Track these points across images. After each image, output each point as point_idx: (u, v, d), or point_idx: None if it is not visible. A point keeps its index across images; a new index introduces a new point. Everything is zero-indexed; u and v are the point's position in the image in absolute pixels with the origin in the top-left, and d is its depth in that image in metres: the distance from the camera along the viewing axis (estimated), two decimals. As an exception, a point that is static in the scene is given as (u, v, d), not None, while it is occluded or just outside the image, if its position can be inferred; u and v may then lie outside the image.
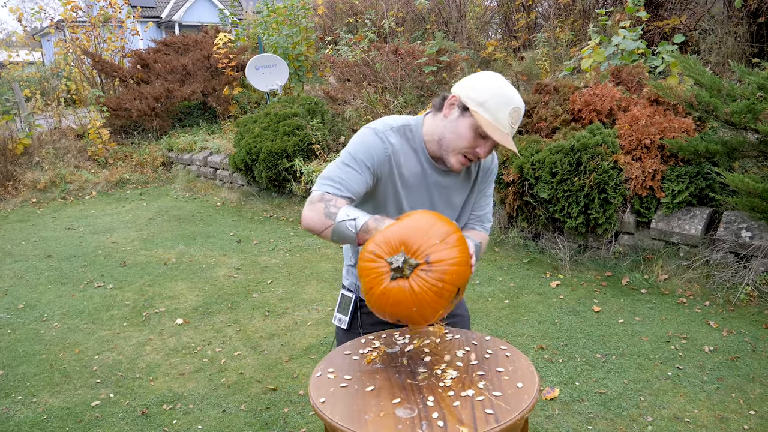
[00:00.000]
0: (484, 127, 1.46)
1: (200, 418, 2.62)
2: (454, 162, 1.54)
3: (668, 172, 3.97)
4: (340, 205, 1.44)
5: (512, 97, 1.49)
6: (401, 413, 1.24)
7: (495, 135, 1.45)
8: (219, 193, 7.14)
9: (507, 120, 1.48)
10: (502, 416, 1.21)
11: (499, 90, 1.48)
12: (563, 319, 3.46)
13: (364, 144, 1.52)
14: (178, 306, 3.90)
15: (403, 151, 1.57)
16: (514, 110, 1.49)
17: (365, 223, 1.41)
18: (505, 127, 1.48)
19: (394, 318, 1.38)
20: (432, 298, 1.33)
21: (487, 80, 1.50)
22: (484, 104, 1.47)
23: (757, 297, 3.55)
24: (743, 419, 2.49)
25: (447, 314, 1.41)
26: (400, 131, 1.57)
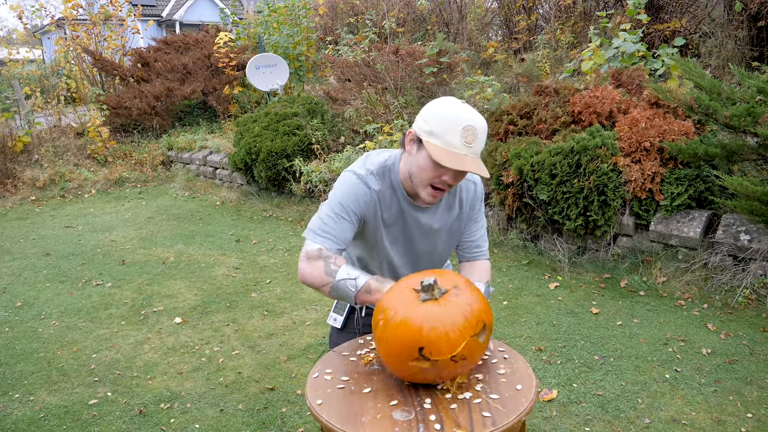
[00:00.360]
0: (433, 155, 1.42)
1: (198, 417, 2.62)
2: (425, 195, 1.51)
3: (667, 175, 3.98)
4: (339, 263, 1.48)
5: (460, 116, 1.42)
6: (398, 416, 1.24)
7: (446, 161, 1.40)
8: (218, 193, 7.14)
9: (459, 141, 1.41)
10: (499, 419, 1.21)
11: (444, 114, 1.43)
12: (561, 321, 3.46)
13: (352, 193, 1.53)
14: (177, 305, 3.90)
15: (384, 195, 1.57)
16: (466, 129, 1.42)
17: (366, 283, 1.45)
18: (460, 149, 1.41)
19: (415, 345, 1.26)
20: (460, 320, 1.26)
21: (435, 107, 1.47)
22: (433, 132, 1.44)
23: (755, 300, 3.55)
24: (740, 422, 2.49)
25: (468, 369, 1.33)
26: (380, 174, 1.57)
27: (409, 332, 1.25)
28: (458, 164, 1.41)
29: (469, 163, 1.42)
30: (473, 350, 1.29)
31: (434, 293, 1.30)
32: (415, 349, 1.24)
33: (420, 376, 1.30)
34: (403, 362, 1.28)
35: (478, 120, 1.44)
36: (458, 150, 1.42)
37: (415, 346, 1.24)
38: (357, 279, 1.45)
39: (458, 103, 1.45)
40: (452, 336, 1.25)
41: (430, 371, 1.28)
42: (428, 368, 1.27)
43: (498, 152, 4.43)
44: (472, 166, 1.42)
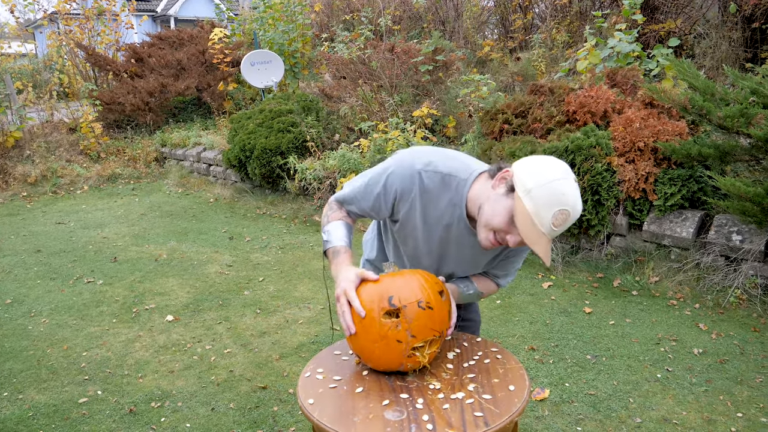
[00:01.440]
0: (517, 216, 1.32)
1: (189, 416, 2.61)
2: (483, 238, 1.43)
3: (661, 175, 3.99)
4: (334, 218, 1.57)
5: (565, 196, 1.30)
6: (390, 415, 1.24)
7: (525, 229, 1.31)
8: (212, 190, 7.11)
9: (548, 219, 1.30)
10: (491, 419, 1.21)
11: (553, 183, 1.30)
12: (554, 320, 3.46)
13: (398, 177, 1.47)
14: (169, 303, 3.88)
15: (435, 197, 1.48)
16: (561, 212, 1.30)
17: (334, 247, 1.51)
18: (544, 226, 1.30)
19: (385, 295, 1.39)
20: (419, 278, 1.42)
21: (546, 168, 1.33)
22: (531, 192, 1.31)
23: (746, 300, 3.56)
24: (731, 421, 2.50)
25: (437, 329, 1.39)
26: (445, 179, 1.47)
27: (379, 287, 1.38)
28: (533, 241, 1.32)
29: (541, 245, 1.32)
30: (437, 303, 1.38)
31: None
32: (385, 299, 1.34)
33: (393, 338, 1.32)
34: (375, 323, 1.33)
35: (578, 207, 1.34)
36: (541, 226, 1.31)
37: (384, 295, 1.35)
38: (327, 242, 1.53)
39: (572, 180, 1.34)
40: (415, 286, 1.38)
41: (402, 329, 1.32)
42: (399, 324, 1.32)
43: (493, 151, 4.43)
44: (542, 249, 1.33)
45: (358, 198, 1.55)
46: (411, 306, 1.33)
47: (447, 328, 1.41)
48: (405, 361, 1.35)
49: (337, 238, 1.51)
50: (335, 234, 1.52)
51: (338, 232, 1.53)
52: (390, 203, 1.50)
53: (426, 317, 1.33)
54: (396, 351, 1.33)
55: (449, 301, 1.45)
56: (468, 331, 1.82)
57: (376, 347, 1.34)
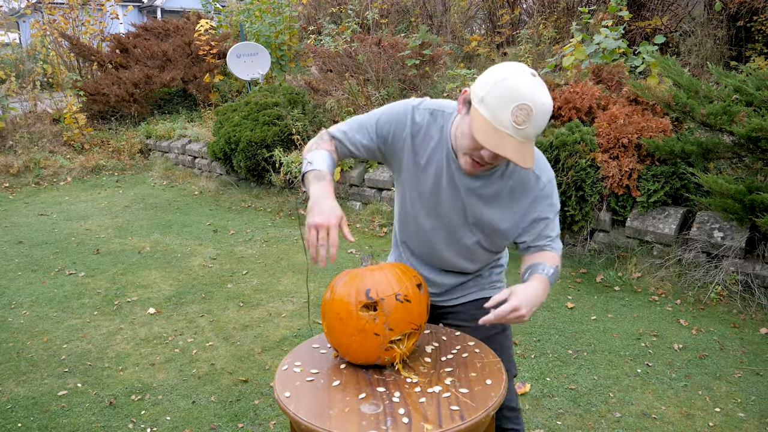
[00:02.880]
0: (474, 127, 1.26)
1: (169, 409, 2.59)
2: (463, 163, 1.38)
3: (644, 172, 4.01)
4: (323, 147, 1.49)
5: (519, 90, 1.22)
6: (366, 409, 1.23)
7: (484, 138, 1.23)
8: (197, 182, 7.05)
9: (507, 118, 1.21)
10: (467, 413, 1.21)
11: (502, 83, 1.23)
12: (537, 315, 3.48)
13: (392, 111, 1.49)
14: (151, 295, 3.85)
15: (426, 134, 1.46)
16: (520, 107, 1.21)
17: (309, 172, 1.42)
18: (506, 128, 1.22)
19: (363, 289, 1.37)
20: (397, 271, 1.40)
21: (497, 71, 1.26)
22: (484, 100, 1.25)
23: (726, 296, 3.61)
24: (708, 416, 2.53)
25: (414, 322, 1.39)
26: (433, 115, 1.46)
27: (357, 281, 1.36)
28: (496, 145, 1.23)
29: (508, 147, 1.23)
30: (416, 296, 1.37)
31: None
32: (362, 292, 1.33)
33: (370, 332, 1.32)
34: (353, 316, 1.32)
35: (539, 99, 1.23)
36: (504, 128, 1.23)
37: (362, 289, 1.33)
38: (310, 164, 1.44)
39: (526, 75, 1.24)
40: (392, 279, 1.36)
41: (379, 322, 1.31)
42: (377, 317, 1.31)
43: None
44: (510, 152, 1.23)
45: (354, 130, 1.50)
46: (389, 299, 1.32)
47: (425, 322, 1.41)
48: (383, 354, 1.35)
49: (321, 164, 1.42)
50: (319, 160, 1.44)
51: (323, 159, 1.45)
52: (383, 137, 1.48)
53: (403, 310, 1.33)
54: (374, 344, 1.33)
55: (427, 294, 1.44)
56: (492, 333, 1.65)
57: (353, 341, 1.34)
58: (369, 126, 1.49)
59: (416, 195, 1.52)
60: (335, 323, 1.35)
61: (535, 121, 1.24)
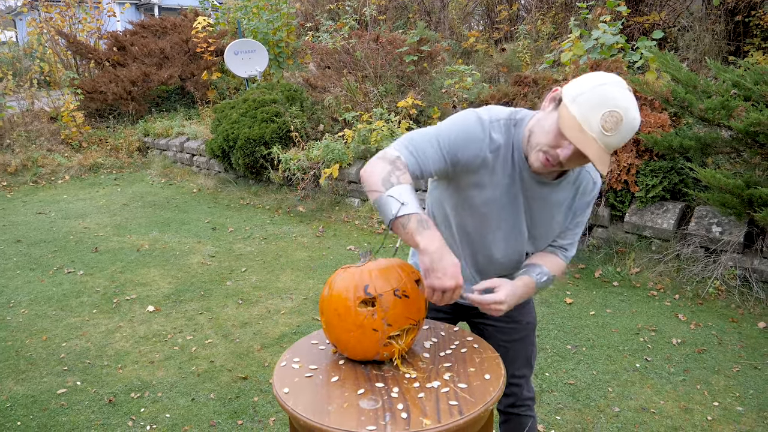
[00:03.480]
0: (562, 121, 1.24)
1: (168, 407, 2.59)
2: (534, 159, 1.34)
3: (643, 167, 4.01)
4: (402, 180, 1.28)
5: (615, 98, 1.22)
6: (365, 404, 1.23)
7: (571, 133, 1.22)
8: (195, 180, 7.05)
9: (597, 122, 1.21)
10: (466, 408, 1.21)
11: (599, 88, 1.23)
12: (536, 311, 3.48)
13: (464, 133, 1.35)
14: (150, 293, 3.84)
15: (502, 151, 1.39)
16: (611, 114, 1.21)
17: (409, 215, 1.25)
18: (593, 130, 1.21)
19: (361, 284, 1.36)
20: (397, 266, 1.39)
21: (593, 76, 1.27)
22: (577, 99, 1.24)
23: (725, 291, 3.61)
24: (707, 410, 2.54)
25: (413, 318, 1.38)
26: (506, 126, 1.39)
27: (355, 277, 1.35)
28: (581, 143, 1.21)
29: (593, 149, 1.21)
30: (414, 292, 1.36)
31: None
32: (360, 288, 1.33)
33: (368, 327, 1.32)
34: (351, 312, 1.32)
35: (631, 112, 1.23)
36: (591, 131, 1.22)
37: (360, 285, 1.33)
38: (404, 205, 1.25)
39: (623, 87, 1.25)
40: (391, 275, 1.35)
41: (378, 318, 1.31)
42: (375, 313, 1.31)
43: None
44: (594, 153, 1.21)
45: (421, 151, 1.34)
46: (387, 295, 1.32)
47: (423, 317, 1.41)
48: (381, 350, 1.35)
49: (415, 205, 1.27)
50: (410, 199, 1.26)
51: (413, 197, 1.28)
52: (456, 158, 1.36)
53: (402, 306, 1.33)
54: (372, 340, 1.33)
55: (424, 291, 1.44)
56: (523, 335, 1.69)
57: (351, 336, 1.34)
58: (442, 150, 1.35)
59: (486, 210, 1.45)
60: (333, 319, 1.35)
61: (622, 132, 1.23)
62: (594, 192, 1.52)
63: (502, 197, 1.43)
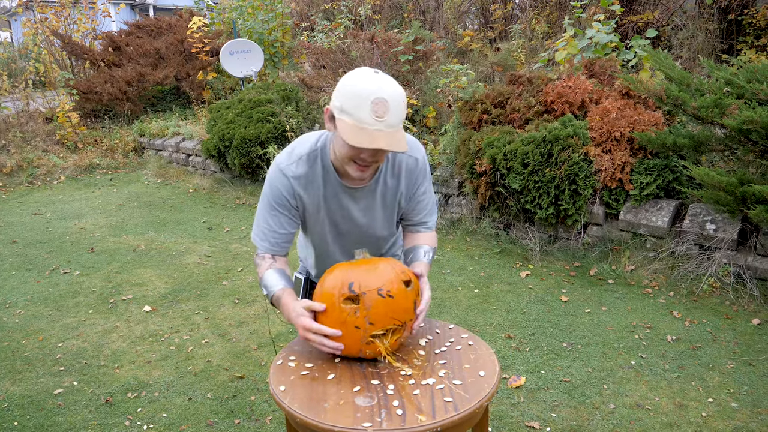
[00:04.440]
0: (342, 134, 1.35)
1: (165, 406, 2.59)
2: (351, 172, 1.45)
3: (637, 165, 4.04)
4: (263, 269, 1.60)
5: (368, 88, 1.32)
6: (361, 401, 1.24)
7: (355, 139, 1.32)
8: (191, 180, 7.04)
9: (369, 116, 1.31)
10: (461, 404, 1.22)
11: (353, 88, 1.34)
12: (531, 309, 3.50)
13: (275, 187, 1.56)
14: (146, 293, 3.85)
15: (312, 177, 1.55)
16: (376, 102, 1.31)
17: (273, 294, 1.55)
18: (371, 124, 1.32)
19: (346, 281, 1.41)
20: (386, 266, 1.42)
21: (345, 81, 1.38)
22: (342, 108, 1.35)
23: (719, 288, 3.63)
24: (702, 407, 2.55)
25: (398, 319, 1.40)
26: (310, 158, 1.54)
27: (344, 274, 1.39)
28: (369, 142, 1.32)
29: (381, 140, 1.32)
30: (400, 293, 1.37)
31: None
32: (345, 285, 1.36)
33: (351, 324, 1.34)
34: (335, 309, 1.35)
35: (388, 90, 1.34)
36: (369, 126, 1.32)
37: (346, 282, 1.36)
38: (268, 293, 1.57)
39: (369, 74, 1.36)
40: (379, 274, 1.38)
41: (360, 316, 1.33)
42: (358, 310, 1.33)
43: (471, 141, 4.44)
44: (384, 142, 1.32)
45: (272, 229, 1.60)
46: (371, 293, 1.34)
47: (411, 319, 1.41)
48: (363, 347, 1.36)
49: (272, 285, 1.55)
50: (270, 282, 1.57)
51: (271, 279, 1.57)
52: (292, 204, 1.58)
53: (385, 305, 1.34)
54: (354, 337, 1.35)
55: (416, 291, 1.44)
56: None
57: (333, 326, 1.36)
58: (276, 212, 1.58)
59: (328, 219, 1.64)
60: (321, 315, 1.37)
61: (394, 109, 1.35)
62: (420, 166, 1.63)
63: (330, 206, 1.61)
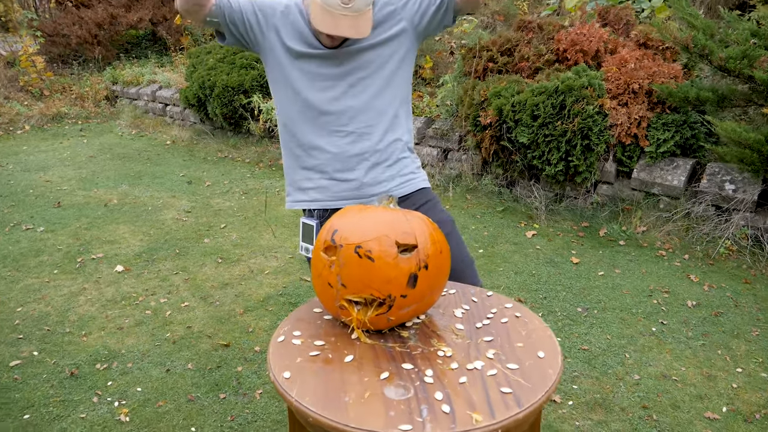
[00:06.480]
0: (312, 16, 1.36)
1: (140, 379, 2.29)
2: (323, 40, 1.43)
3: (654, 120, 3.75)
4: None
5: None
6: (392, 393, 0.95)
7: (321, 24, 1.33)
8: (169, 131, 6.60)
9: (337, 2, 1.32)
10: (524, 397, 0.94)
11: None
12: (541, 271, 3.25)
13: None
14: (119, 252, 3.50)
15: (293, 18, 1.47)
16: None
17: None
18: (337, 9, 1.32)
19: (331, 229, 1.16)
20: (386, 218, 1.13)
21: None
22: None
23: (736, 251, 3.41)
24: (731, 377, 2.34)
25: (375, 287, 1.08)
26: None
27: (340, 217, 1.14)
28: (332, 28, 1.33)
29: (344, 26, 1.33)
30: (385, 257, 1.05)
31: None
32: (330, 231, 1.10)
33: (325, 279, 1.09)
34: (318, 257, 1.11)
35: None
36: (335, 10, 1.33)
37: (332, 228, 1.11)
38: None
39: None
40: (375, 228, 1.08)
41: (334, 272, 1.07)
42: (333, 264, 1.07)
43: (476, 91, 4.10)
44: (346, 29, 1.33)
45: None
46: (347, 248, 1.05)
47: (403, 295, 1.07)
48: (339, 311, 1.09)
49: None
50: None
51: None
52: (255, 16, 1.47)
53: (359, 267, 1.04)
54: (329, 295, 1.09)
55: (422, 262, 1.08)
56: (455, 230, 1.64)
57: (317, 283, 1.12)
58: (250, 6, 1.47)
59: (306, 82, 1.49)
60: (312, 260, 1.16)
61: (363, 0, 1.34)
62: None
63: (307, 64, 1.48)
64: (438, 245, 1.10)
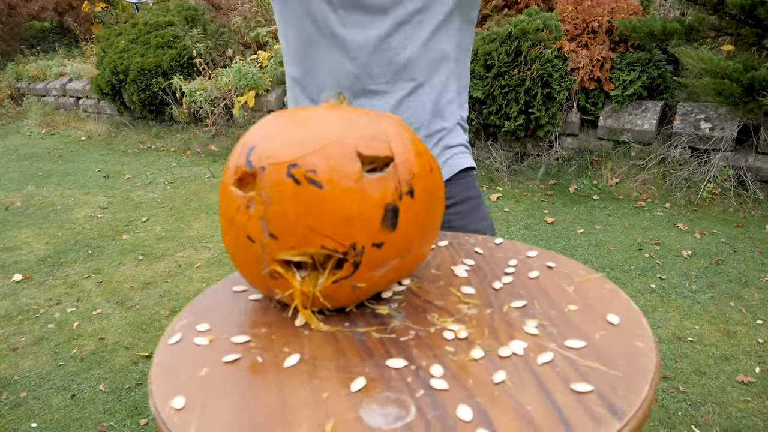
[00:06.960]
0: None
1: (36, 411, 1.77)
2: None
3: (618, 60, 3.43)
4: None
5: None
6: (376, 418, 0.50)
7: None
8: (83, 126, 5.90)
9: None
10: (619, 397, 0.51)
11: None
12: (515, 235, 2.88)
13: None
14: (19, 258, 2.91)
15: None
16: None
17: None
18: None
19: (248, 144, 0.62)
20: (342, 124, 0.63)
21: None
22: None
23: (719, 195, 3.15)
24: (753, 331, 2.03)
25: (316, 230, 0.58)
26: None
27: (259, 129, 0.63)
28: None
29: None
30: (348, 179, 0.57)
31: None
32: (245, 153, 0.60)
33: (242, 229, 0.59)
34: (225, 195, 0.61)
35: None
36: None
37: (247, 147, 0.61)
38: None
39: None
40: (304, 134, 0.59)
41: (254, 215, 0.57)
42: (253, 203, 0.57)
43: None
44: None
45: None
46: (274, 171, 0.56)
47: (372, 243, 0.60)
48: (268, 283, 0.62)
49: None
50: None
51: None
52: None
53: (297, 202, 0.56)
54: (250, 257, 0.61)
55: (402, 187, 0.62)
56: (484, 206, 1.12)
57: (229, 240, 0.62)
58: None
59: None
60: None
61: None
62: None
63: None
64: (425, 158, 0.66)
